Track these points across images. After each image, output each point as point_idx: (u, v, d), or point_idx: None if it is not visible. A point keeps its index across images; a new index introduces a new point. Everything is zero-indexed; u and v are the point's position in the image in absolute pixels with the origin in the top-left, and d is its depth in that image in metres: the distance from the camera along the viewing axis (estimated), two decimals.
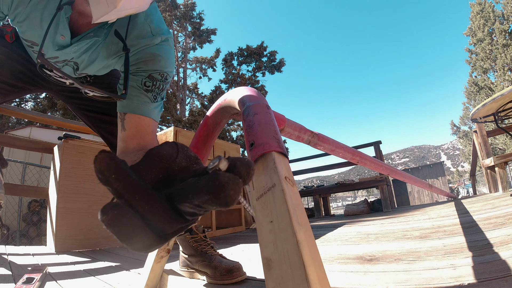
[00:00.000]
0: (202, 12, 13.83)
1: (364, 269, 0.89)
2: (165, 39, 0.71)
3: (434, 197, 11.35)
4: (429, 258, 0.91)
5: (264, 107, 0.47)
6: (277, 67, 14.86)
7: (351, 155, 1.04)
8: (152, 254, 0.71)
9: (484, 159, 3.47)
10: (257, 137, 0.40)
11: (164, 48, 0.70)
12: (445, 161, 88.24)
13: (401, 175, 1.46)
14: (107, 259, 1.51)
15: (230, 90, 0.58)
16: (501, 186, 3.02)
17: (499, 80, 15.00)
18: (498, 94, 2.48)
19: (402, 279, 0.73)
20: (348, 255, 1.14)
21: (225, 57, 14.88)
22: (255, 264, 1.12)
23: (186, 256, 1.02)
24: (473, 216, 1.67)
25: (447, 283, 0.66)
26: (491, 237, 1.04)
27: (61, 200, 1.86)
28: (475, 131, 3.70)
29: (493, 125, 3.19)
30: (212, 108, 0.63)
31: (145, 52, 0.68)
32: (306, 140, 0.85)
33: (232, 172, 0.23)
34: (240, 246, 1.74)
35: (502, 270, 0.67)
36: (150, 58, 0.68)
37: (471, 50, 17.17)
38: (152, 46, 0.69)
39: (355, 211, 3.64)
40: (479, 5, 16.41)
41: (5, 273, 1.13)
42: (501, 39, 14.84)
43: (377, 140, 4.11)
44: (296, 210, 0.30)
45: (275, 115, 0.56)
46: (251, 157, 0.40)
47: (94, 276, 1.09)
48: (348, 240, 1.55)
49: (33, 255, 1.64)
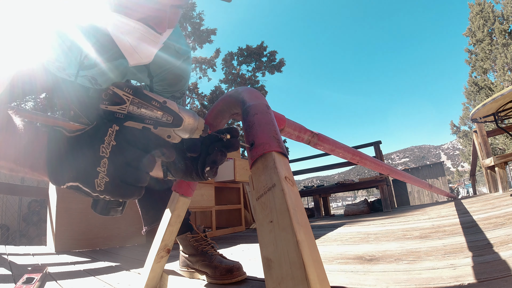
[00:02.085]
0: (202, 12, 13.82)
1: (364, 269, 0.89)
2: (187, 57, 0.76)
3: (434, 197, 11.35)
4: (429, 258, 0.91)
5: (264, 107, 0.47)
6: (277, 67, 14.85)
7: (351, 155, 1.04)
8: (152, 254, 0.71)
9: (484, 159, 3.47)
10: (257, 137, 0.40)
11: (186, 69, 0.77)
12: (445, 161, 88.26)
13: (401, 175, 1.46)
14: (107, 259, 1.51)
15: (230, 90, 0.58)
16: (501, 186, 3.02)
17: (499, 80, 15.01)
18: (498, 94, 2.48)
19: (402, 279, 0.73)
20: (348, 255, 1.14)
21: (225, 57, 14.87)
22: (255, 264, 1.12)
23: (186, 256, 1.02)
24: (473, 216, 1.68)
25: (447, 283, 0.66)
26: (491, 237, 1.04)
27: (61, 200, 1.86)
28: (475, 131, 3.70)
29: (493, 125, 3.19)
30: (212, 108, 0.63)
31: (170, 73, 0.74)
32: (306, 140, 0.85)
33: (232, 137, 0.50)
34: (240, 246, 1.74)
35: (502, 270, 0.67)
36: (174, 81, 0.76)
37: (471, 51, 17.17)
38: (176, 67, 0.74)
39: (355, 211, 3.64)
40: (478, 5, 16.41)
41: (5, 273, 1.13)
42: (500, 39, 14.85)
43: (377, 140, 4.11)
44: (296, 210, 0.30)
45: (275, 115, 0.56)
46: (251, 157, 0.40)
47: (94, 276, 1.09)
48: (348, 240, 1.55)
49: (33, 255, 1.64)
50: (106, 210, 0.41)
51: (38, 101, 8.04)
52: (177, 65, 0.74)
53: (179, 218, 0.70)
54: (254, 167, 0.39)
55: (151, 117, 0.41)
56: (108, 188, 0.37)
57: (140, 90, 0.41)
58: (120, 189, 0.38)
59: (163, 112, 0.41)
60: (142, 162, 0.39)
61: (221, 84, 14.37)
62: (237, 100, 0.54)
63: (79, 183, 0.37)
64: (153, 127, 0.41)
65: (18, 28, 0.45)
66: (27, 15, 0.46)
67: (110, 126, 0.38)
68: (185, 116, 0.42)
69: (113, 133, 0.38)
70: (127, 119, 0.40)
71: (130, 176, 0.38)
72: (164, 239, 0.69)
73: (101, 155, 0.37)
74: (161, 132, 0.42)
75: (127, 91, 0.40)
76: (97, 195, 0.37)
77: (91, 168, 0.37)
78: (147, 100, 0.40)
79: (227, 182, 2.90)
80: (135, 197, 0.39)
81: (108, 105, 0.39)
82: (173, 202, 0.69)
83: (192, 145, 0.51)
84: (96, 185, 0.37)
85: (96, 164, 0.37)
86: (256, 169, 0.38)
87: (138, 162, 0.38)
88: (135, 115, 0.40)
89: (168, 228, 0.69)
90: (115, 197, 0.38)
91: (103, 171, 0.37)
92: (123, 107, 0.39)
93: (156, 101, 0.41)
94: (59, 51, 0.62)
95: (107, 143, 0.37)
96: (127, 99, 0.40)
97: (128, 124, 0.40)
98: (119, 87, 0.40)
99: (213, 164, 0.50)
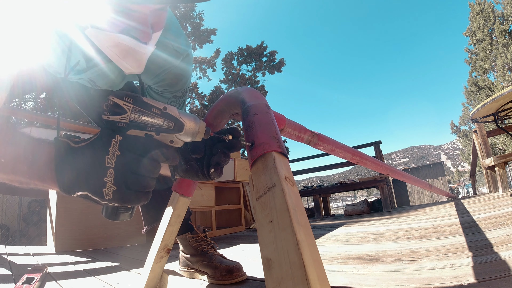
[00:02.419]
0: (202, 12, 13.81)
1: (364, 269, 0.89)
2: (186, 54, 0.75)
3: (434, 197, 11.35)
4: (429, 258, 0.90)
5: (264, 107, 0.47)
6: (277, 67, 14.84)
7: (351, 155, 1.04)
8: (152, 254, 0.71)
9: (484, 159, 3.47)
10: (257, 137, 0.40)
11: (186, 68, 0.76)
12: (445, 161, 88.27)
13: (401, 175, 1.46)
14: (107, 259, 1.51)
15: (230, 90, 0.58)
16: (501, 186, 3.02)
17: (499, 80, 15.00)
18: (498, 94, 2.48)
19: (402, 279, 0.73)
20: (348, 255, 1.14)
21: (225, 57, 14.86)
22: (255, 264, 1.12)
23: (186, 256, 1.02)
24: (473, 216, 1.68)
25: (447, 283, 0.66)
26: (491, 237, 1.04)
27: (61, 200, 1.87)
28: (475, 131, 3.70)
29: (493, 125, 3.19)
30: (212, 108, 0.63)
31: (170, 73, 0.73)
32: (306, 140, 0.85)
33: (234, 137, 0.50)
34: (240, 246, 1.74)
35: (502, 270, 0.67)
36: (174, 81, 0.75)
37: (471, 50, 17.16)
38: (175, 66, 0.73)
39: (355, 211, 3.64)
40: (478, 5, 16.40)
41: (5, 273, 1.13)
42: (501, 39, 14.84)
43: (377, 140, 4.11)
44: (296, 210, 0.30)
45: (275, 115, 0.56)
46: (251, 157, 0.40)
47: (94, 276, 1.09)
48: (348, 240, 1.55)
49: (33, 255, 1.64)
50: (115, 216, 0.43)
51: (38, 101, 8.04)
52: (176, 64, 0.73)
53: (179, 218, 0.70)
54: (254, 167, 0.39)
55: (153, 124, 0.41)
56: (116, 196, 0.38)
57: (140, 98, 0.41)
58: (128, 196, 0.39)
59: (164, 118, 0.41)
60: (147, 169, 0.40)
61: (221, 84, 14.36)
62: (237, 100, 0.54)
63: (88, 192, 0.38)
64: (155, 133, 0.41)
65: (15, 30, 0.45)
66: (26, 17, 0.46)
67: (113, 137, 0.39)
68: (186, 120, 0.42)
69: (116, 143, 0.39)
70: (129, 127, 0.40)
71: (136, 183, 0.39)
72: (164, 239, 0.69)
73: (107, 166, 0.38)
74: (163, 138, 0.42)
75: (127, 100, 0.40)
76: (106, 203, 0.39)
77: (98, 179, 0.38)
78: (147, 108, 0.41)
79: (227, 182, 2.90)
80: (143, 202, 0.41)
81: (110, 115, 0.40)
82: (173, 202, 0.69)
83: (195, 147, 0.52)
84: (104, 194, 0.38)
85: (103, 175, 0.38)
86: (256, 169, 0.38)
87: (143, 169, 0.39)
88: (137, 123, 0.41)
89: (168, 228, 0.69)
90: (124, 204, 0.39)
91: (110, 180, 0.38)
92: (125, 117, 0.40)
93: (156, 108, 0.41)
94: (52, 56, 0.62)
95: (111, 154, 0.38)
96: (127, 108, 0.40)
97: (131, 133, 0.40)
98: (119, 97, 0.40)
99: (217, 165, 0.52)
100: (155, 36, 0.56)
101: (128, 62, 0.54)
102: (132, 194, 0.39)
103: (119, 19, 0.49)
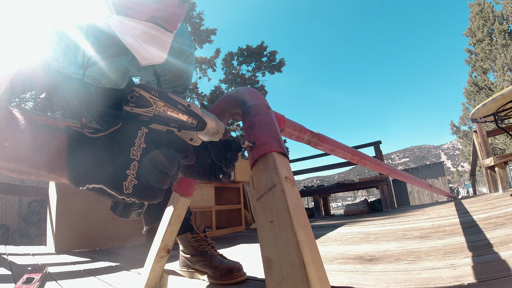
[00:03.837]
0: (202, 12, 13.81)
1: (364, 269, 0.89)
2: (189, 53, 0.76)
3: (434, 197, 11.35)
4: (429, 258, 0.91)
5: (265, 107, 0.48)
6: (277, 67, 14.84)
7: (351, 155, 1.04)
8: (152, 254, 0.71)
9: (484, 159, 3.47)
10: (258, 137, 0.40)
11: (188, 67, 0.78)
12: (445, 161, 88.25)
13: (401, 175, 1.46)
14: (107, 259, 1.51)
15: (230, 90, 0.58)
16: (501, 186, 3.02)
17: (499, 80, 15.00)
18: (498, 94, 2.48)
19: (402, 279, 0.73)
20: (348, 255, 1.14)
21: (225, 57, 14.86)
22: (255, 264, 1.12)
23: (186, 256, 1.02)
24: (473, 216, 1.68)
25: (447, 283, 0.66)
26: (491, 237, 1.04)
27: (61, 200, 1.86)
28: (475, 131, 3.70)
29: (493, 125, 3.19)
30: (212, 108, 0.63)
31: (172, 71, 0.75)
32: (306, 140, 0.85)
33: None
34: (240, 246, 1.74)
35: (502, 270, 0.67)
36: (175, 77, 0.77)
37: (471, 51, 17.17)
38: (178, 65, 0.75)
39: (355, 211, 3.64)
40: (478, 5, 16.41)
41: (5, 273, 1.13)
42: (500, 39, 14.84)
43: (377, 140, 4.11)
44: (296, 210, 0.30)
45: (275, 115, 0.56)
46: (251, 157, 0.40)
47: (94, 276, 1.09)
48: (348, 240, 1.55)
49: (33, 255, 1.64)
50: (127, 213, 0.41)
51: (38, 101, 8.03)
52: (179, 63, 0.74)
53: (179, 218, 0.70)
54: (255, 167, 0.39)
55: (177, 120, 0.40)
56: (136, 191, 0.36)
57: (165, 93, 0.40)
58: (147, 191, 0.37)
59: (188, 115, 0.41)
60: (168, 165, 0.39)
61: (221, 84, 14.36)
62: (238, 100, 0.54)
63: (104, 185, 0.35)
64: (177, 130, 0.41)
65: (18, 27, 0.44)
66: (27, 15, 0.46)
67: (139, 129, 0.38)
68: (208, 120, 0.42)
69: (142, 136, 0.38)
70: (152, 121, 0.39)
71: (156, 179, 0.38)
72: (164, 239, 0.69)
73: (131, 158, 0.36)
74: (184, 135, 0.42)
75: (153, 94, 0.39)
76: (123, 198, 0.36)
77: (120, 171, 0.36)
78: (173, 104, 0.40)
79: (227, 182, 2.90)
80: (158, 199, 0.39)
81: (134, 107, 0.38)
82: (173, 202, 0.69)
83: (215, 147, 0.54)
84: (124, 188, 0.36)
85: (126, 167, 0.36)
86: (256, 169, 0.38)
87: (164, 164, 0.38)
88: (161, 117, 0.40)
89: (168, 228, 0.69)
90: (141, 199, 0.38)
91: (132, 174, 0.36)
92: (150, 110, 0.39)
93: (181, 105, 0.41)
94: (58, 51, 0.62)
95: (137, 146, 0.37)
96: (153, 102, 0.39)
97: (153, 127, 0.39)
98: (146, 89, 0.39)
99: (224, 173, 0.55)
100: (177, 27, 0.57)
101: (151, 51, 0.54)
102: (151, 190, 0.38)
103: (150, 6, 0.49)
